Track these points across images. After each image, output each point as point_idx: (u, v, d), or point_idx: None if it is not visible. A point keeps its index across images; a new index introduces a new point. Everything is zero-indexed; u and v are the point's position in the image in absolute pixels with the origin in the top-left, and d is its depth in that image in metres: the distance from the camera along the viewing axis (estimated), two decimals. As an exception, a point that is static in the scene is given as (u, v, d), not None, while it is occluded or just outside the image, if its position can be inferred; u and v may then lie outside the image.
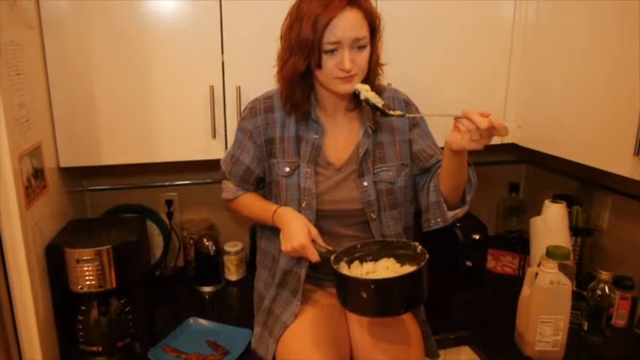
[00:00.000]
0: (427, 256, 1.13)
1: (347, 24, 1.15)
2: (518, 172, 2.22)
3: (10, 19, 1.17)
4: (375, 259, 1.23)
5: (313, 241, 1.24)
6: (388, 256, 1.23)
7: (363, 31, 1.18)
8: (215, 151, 1.54)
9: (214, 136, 1.53)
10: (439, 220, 1.29)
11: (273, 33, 1.27)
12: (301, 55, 1.19)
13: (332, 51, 1.17)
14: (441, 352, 1.47)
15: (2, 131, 1.10)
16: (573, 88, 1.49)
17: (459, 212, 1.29)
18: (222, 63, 1.49)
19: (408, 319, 1.32)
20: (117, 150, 1.50)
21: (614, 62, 1.34)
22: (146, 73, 1.46)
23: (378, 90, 1.29)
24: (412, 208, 1.42)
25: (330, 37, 1.15)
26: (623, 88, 1.30)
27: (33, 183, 1.26)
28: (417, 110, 1.38)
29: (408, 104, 1.37)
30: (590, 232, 1.77)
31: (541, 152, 1.69)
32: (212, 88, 1.49)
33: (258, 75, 1.45)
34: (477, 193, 1.30)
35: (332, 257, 1.19)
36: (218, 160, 1.47)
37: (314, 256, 1.22)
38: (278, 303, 1.35)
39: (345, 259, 1.22)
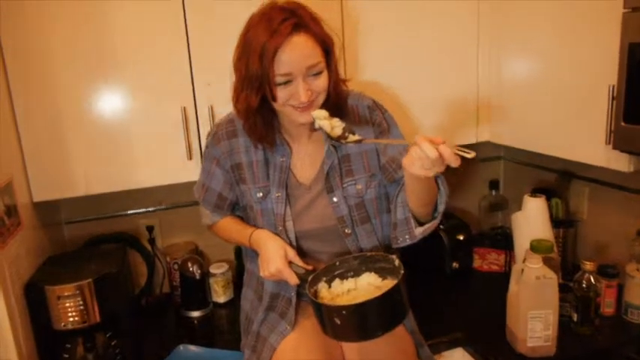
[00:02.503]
0: (402, 271, 1.10)
1: (296, 52, 1.09)
2: (496, 169, 2.24)
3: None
4: (357, 274, 1.21)
5: (291, 262, 1.22)
6: (369, 270, 1.21)
7: (316, 57, 1.12)
8: (192, 172, 1.52)
9: (190, 158, 1.51)
10: (407, 237, 1.23)
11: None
12: (252, 89, 1.14)
13: (285, 82, 1.12)
14: (436, 357, 1.46)
15: (-31, 171, 1.07)
16: (541, 82, 1.52)
17: (428, 228, 1.22)
18: (192, 84, 1.48)
19: (398, 330, 1.30)
20: (91, 180, 1.47)
21: (579, 53, 1.37)
22: (116, 99, 1.44)
23: (341, 99, 1.25)
24: (389, 218, 1.35)
25: (279, 68, 1.09)
26: (590, 79, 1.33)
27: (6, 221, 1.23)
28: (383, 113, 1.33)
29: (372, 110, 1.32)
30: (571, 224, 1.79)
31: (516, 148, 1.72)
32: (184, 109, 1.48)
33: (229, 92, 1.44)
34: (457, 192, 1.30)
35: (309, 279, 1.17)
36: (195, 183, 1.46)
37: (292, 279, 1.20)
38: (266, 326, 1.33)
39: (324, 278, 1.21)
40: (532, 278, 1.32)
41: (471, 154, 0.97)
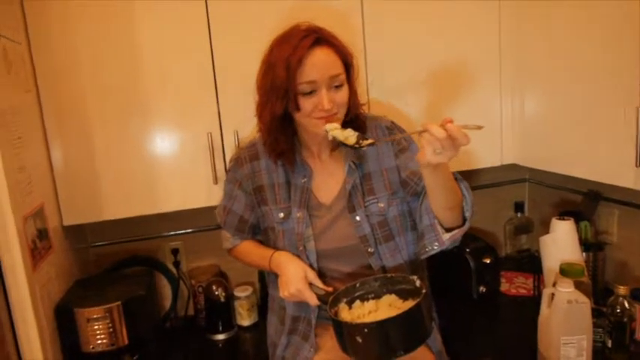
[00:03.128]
0: (424, 291, 1.09)
1: (320, 62, 1.15)
2: (521, 191, 2.22)
3: (7, 84, 1.19)
4: (377, 296, 1.21)
5: (311, 284, 1.22)
6: (390, 292, 1.20)
7: (338, 68, 1.17)
8: (217, 196, 1.54)
9: (216, 182, 1.53)
10: (435, 244, 1.19)
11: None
12: (277, 98, 1.17)
13: (309, 93, 1.16)
14: (464, 383, 1.43)
15: (4, 196, 1.10)
16: (569, 104, 1.51)
17: (457, 233, 1.17)
18: (219, 110, 1.51)
19: (423, 351, 1.28)
20: (119, 204, 1.50)
21: (607, 74, 1.36)
22: (144, 126, 1.48)
23: (360, 117, 1.29)
24: (414, 235, 1.35)
25: (304, 77, 1.14)
26: (619, 100, 1.31)
27: (38, 244, 1.26)
28: (401, 132, 1.34)
29: (391, 130, 1.33)
30: (601, 247, 1.75)
31: (542, 170, 1.70)
32: (210, 135, 1.50)
33: (254, 118, 1.46)
34: (482, 215, 1.28)
35: (329, 299, 1.16)
36: (221, 206, 1.47)
37: (312, 300, 1.20)
38: (290, 350, 1.32)
39: (345, 299, 1.20)
40: (564, 302, 1.29)
41: (479, 127, 1.00)
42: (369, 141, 1.14)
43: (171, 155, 1.51)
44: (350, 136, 1.15)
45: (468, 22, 1.66)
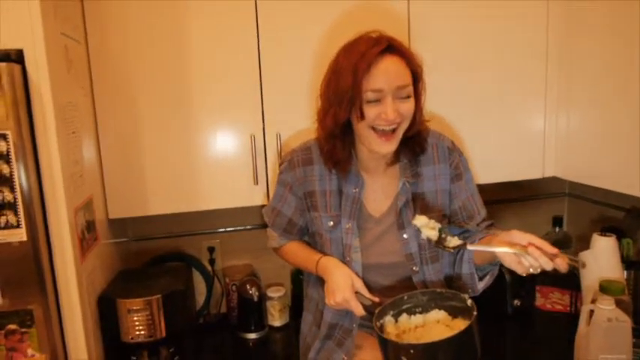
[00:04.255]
0: (475, 312, 1.05)
1: (388, 70, 1.12)
2: (560, 205, 2.18)
3: (67, 81, 1.25)
4: (425, 310, 1.18)
5: (357, 293, 1.21)
6: (439, 307, 1.17)
7: (406, 79, 1.14)
8: (257, 197, 1.57)
9: (256, 183, 1.56)
10: (469, 291, 1.25)
11: (310, 81, 1.31)
12: (341, 105, 1.15)
13: (375, 101, 1.13)
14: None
15: (60, 187, 1.15)
16: (614, 118, 1.48)
17: (489, 281, 1.25)
18: (263, 112, 1.54)
19: None
20: (163, 200, 1.54)
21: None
22: (190, 126, 1.52)
23: (422, 132, 1.26)
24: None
25: (371, 84, 1.12)
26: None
27: (86, 235, 1.30)
28: (459, 155, 1.33)
29: (451, 151, 1.32)
30: (643, 265, 1.71)
31: (583, 184, 1.67)
32: (253, 136, 1.53)
33: (297, 121, 1.50)
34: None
35: (376, 312, 1.14)
36: (259, 207, 1.50)
37: (358, 310, 1.19)
38: (322, 354, 1.32)
39: (391, 312, 1.17)
40: (604, 320, 1.27)
41: (582, 265, 1.00)
42: (457, 242, 1.12)
43: (214, 155, 1.55)
44: (434, 228, 1.14)
45: (516, 32, 1.65)
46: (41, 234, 1.14)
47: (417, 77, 1.19)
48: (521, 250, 1.02)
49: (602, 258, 1.58)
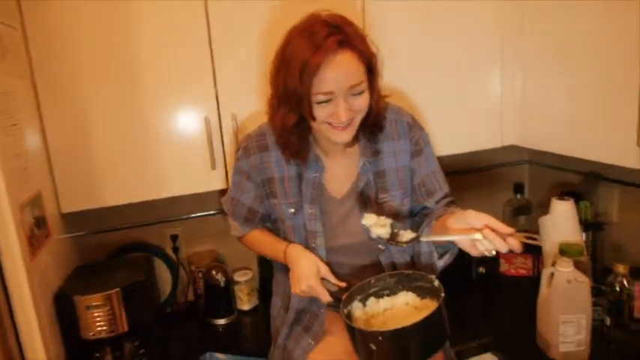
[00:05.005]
0: (443, 294, 1.03)
1: (339, 71, 1.04)
2: (521, 173, 2.21)
3: (1, 70, 1.17)
4: (393, 293, 1.17)
5: (324, 279, 1.19)
6: (406, 289, 1.16)
7: (359, 76, 1.07)
8: (216, 181, 1.54)
9: (214, 167, 1.52)
10: (428, 270, 1.23)
11: (265, 58, 1.26)
12: (290, 107, 1.10)
13: (326, 101, 1.07)
14: (464, 363, 1.44)
15: (0, 183, 1.09)
16: (570, 84, 1.49)
17: (448, 259, 1.23)
18: (216, 93, 1.49)
19: None
20: (117, 190, 1.49)
21: (610, 53, 1.34)
22: (140, 111, 1.46)
23: (380, 115, 1.21)
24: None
25: (320, 87, 1.05)
26: (620, 79, 1.30)
27: (36, 232, 1.25)
28: (420, 131, 1.29)
29: (411, 127, 1.28)
30: (601, 226, 1.75)
31: (541, 151, 1.69)
32: (207, 119, 1.49)
33: (254, 102, 1.46)
34: (482, 197, 1.27)
35: (343, 297, 1.12)
36: (219, 192, 1.46)
37: (324, 297, 1.17)
38: (291, 340, 1.31)
39: (359, 297, 1.16)
40: (563, 282, 1.29)
41: (539, 242, 0.98)
42: (412, 235, 1.10)
43: (168, 140, 1.49)
44: (385, 225, 1.11)
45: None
46: (-16, 234, 1.08)
47: (371, 69, 1.12)
48: (475, 235, 1.00)
49: (561, 222, 1.61)
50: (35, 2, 1.34)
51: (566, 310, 1.30)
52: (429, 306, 1.03)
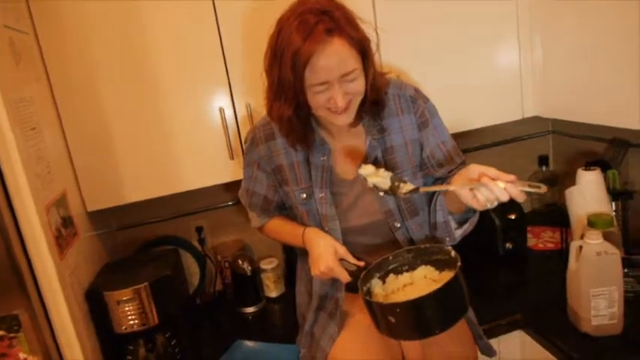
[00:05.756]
0: (459, 263, 1.04)
1: (331, 60, 1.03)
2: (545, 144, 2.16)
3: (16, 76, 1.19)
4: (411, 268, 1.17)
5: (342, 260, 1.20)
6: (425, 263, 1.17)
7: (352, 63, 1.06)
8: (235, 172, 1.54)
9: (232, 157, 1.52)
10: (447, 239, 1.23)
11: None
12: (285, 99, 1.10)
13: (321, 91, 1.07)
14: (495, 341, 1.43)
15: (25, 187, 1.11)
16: (591, 49, 1.44)
17: (467, 228, 1.22)
18: (229, 83, 1.49)
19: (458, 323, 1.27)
20: (139, 186, 1.50)
21: (634, 15, 1.28)
22: (156, 107, 1.47)
23: (379, 94, 1.20)
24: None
25: (313, 78, 1.04)
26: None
27: (63, 232, 1.28)
28: (425, 102, 1.27)
29: (414, 100, 1.26)
30: (630, 195, 1.70)
31: (566, 121, 1.64)
32: (222, 110, 1.49)
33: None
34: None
35: (361, 276, 1.13)
36: (239, 181, 1.47)
37: (344, 277, 1.18)
38: (317, 326, 1.32)
39: (377, 274, 1.17)
40: (592, 254, 1.26)
41: (542, 190, 0.95)
42: (410, 187, 1.09)
43: (186, 134, 1.50)
44: (385, 177, 1.11)
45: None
46: (13, 236, 1.10)
47: (364, 53, 1.10)
48: (474, 184, 1.00)
49: (588, 192, 1.58)
50: (44, 5, 1.34)
51: (597, 283, 1.27)
52: (447, 278, 1.04)
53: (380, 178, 1.11)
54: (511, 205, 1.74)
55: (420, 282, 1.13)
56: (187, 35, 1.44)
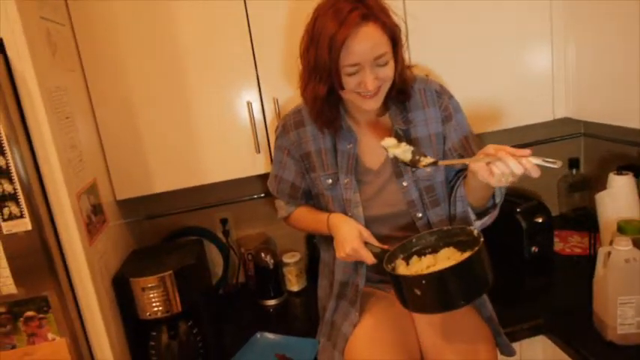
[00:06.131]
0: (482, 239, 1.07)
1: (364, 43, 1.10)
2: (576, 147, 2.11)
3: (53, 65, 1.23)
4: (435, 250, 1.19)
5: (367, 243, 1.22)
6: (447, 245, 1.18)
7: (384, 47, 1.13)
8: (261, 165, 1.56)
9: (258, 151, 1.54)
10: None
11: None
12: (320, 79, 1.16)
13: (354, 73, 1.13)
14: (516, 345, 1.41)
15: (58, 174, 1.15)
16: (626, 50, 1.40)
17: (487, 220, 1.24)
18: (258, 78, 1.51)
19: (473, 317, 1.27)
20: (167, 177, 1.54)
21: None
22: (185, 100, 1.49)
23: (407, 84, 1.25)
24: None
25: (348, 59, 1.11)
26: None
27: (93, 219, 1.31)
28: (449, 98, 1.32)
29: (439, 94, 1.31)
30: (664, 201, 1.65)
31: (598, 123, 1.60)
32: (250, 104, 1.51)
33: (294, 84, 1.46)
34: None
35: (386, 256, 1.16)
36: (266, 175, 1.49)
37: (369, 258, 1.20)
38: (338, 314, 1.34)
39: (402, 255, 1.20)
40: (621, 261, 1.23)
41: (557, 164, 0.98)
42: (430, 160, 1.12)
43: (214, 127, 1.52)
44: (406, 151, 1.14)
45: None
46: (46, 222, 1.14)
47: (395, 40, 1.16)
48: (491, 158, 1.02)
49: (619, 197, 1.54)
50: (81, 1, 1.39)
51: (625, 290, 1.25)
52: (468, 255, 1.06)
53: (401, 150, 1.14)
54: (538, 207, 1.75)
55: (443, 263, 1.14)
56: (217, 30, 1.46)
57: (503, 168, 1.00)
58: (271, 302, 1.78)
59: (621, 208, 1.52)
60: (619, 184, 1.54)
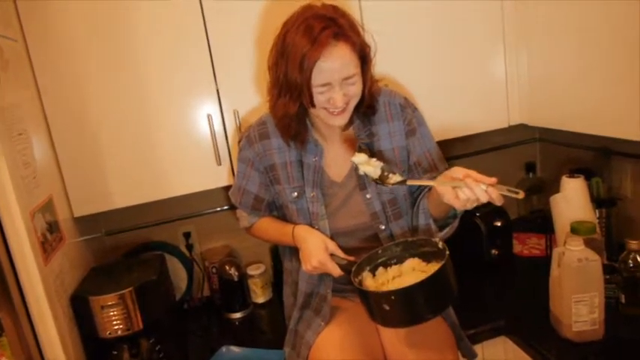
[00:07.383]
0: (447, 252, 1.09)
1: (335, 63, 1.10)
2: (532, 151, 2.18)
3: (5, 81, 1.20)
4: (400, 261, 1.21)
5: (333, 255, 1.22)
6: (412, 255, 1.20)
7: (353, 67, 1.14)
8: (222, 178, 1.55)
9: (219, 163, 1.53)
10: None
11: (263, 53, 1.27)
12: (291, 97, 1.16)
13: (323, 91, 1.14)
14: (478, 347, 1.44)
15: (10, 193, 1.12)
16: (575, 59, 1.46)
17: (448, 232, 1.26)
18: (217, 90, 1.50)
19: (439, 325, 1.29)
20: (127, 192, 1.51)
21: (613, 27, 1.30)
22: (144, 113, 1.48)
23: (374, 99, 1.26)
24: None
25: (319, 79, 1.12)
26: (633, 49, 1.25)
27: (48, 237, 1.28)
28: (413, 111, 1.33)
29: (403, 107, 1.32)
30: (614, 202, 1.72)
31: (552, 129, 1.66)
32: (210, 116, 1.50)
33: (254, 97, 1.48)
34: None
35: (352, 269, 1.17)
36: (228, 187, 1.48)
37: (335, 271, 1.21)
38: (301, 324, 1.35)
39: (368, 267, 1.20)
40: (574, 261, 1.28)
41: (519, 195, 1.01)
42: (399, 178, 1.13)
43: (174, 140, 1.51)
44: (376, 166, 1.15)
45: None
46: (-2, 241, 1.11)
47: (364, 59, 1.18)
48: (457, 183, 1.04)
49: (572, 199, 1.59)
50: (34, 14, 1.36)
51: (578, 289, 1.29)
52: (435, 268, 1.07)
53: (371, 167, 1.15)
54: (497, 211, 1.79)
55: (409, 274, 1.16)
56: (175, 43, 1.45)
57: (469, 194, 1.02)
58: (237, 315, 1.77)
59: (574, 209, 1.57)
60: (571, 186, 1.60)
